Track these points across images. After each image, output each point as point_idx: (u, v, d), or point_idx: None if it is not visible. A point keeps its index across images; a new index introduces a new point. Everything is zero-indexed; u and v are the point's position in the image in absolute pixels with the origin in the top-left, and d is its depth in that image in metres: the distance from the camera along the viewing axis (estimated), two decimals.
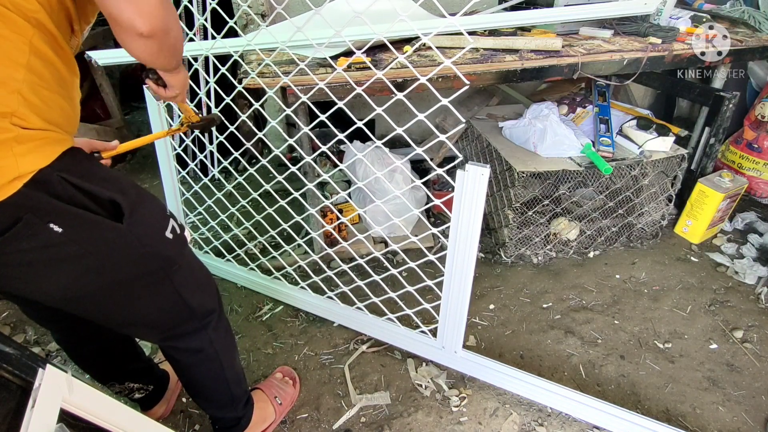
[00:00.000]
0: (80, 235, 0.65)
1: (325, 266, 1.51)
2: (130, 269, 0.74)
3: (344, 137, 1.22)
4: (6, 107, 0.57)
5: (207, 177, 1.85)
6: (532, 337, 1.43)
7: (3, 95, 0.57)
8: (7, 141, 0.57)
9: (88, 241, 0.67)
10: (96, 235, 0.67)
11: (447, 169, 1.08)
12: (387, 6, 1.00)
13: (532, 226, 1.70)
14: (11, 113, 0.58)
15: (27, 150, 0.59)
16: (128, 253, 0.72)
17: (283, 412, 1.19)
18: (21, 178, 0.58)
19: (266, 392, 1.19)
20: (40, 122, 0.61)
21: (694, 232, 1.80)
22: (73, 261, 0.67)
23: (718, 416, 1.19)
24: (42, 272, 0.66)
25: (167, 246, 0.77)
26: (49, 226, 0.62)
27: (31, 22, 0.60)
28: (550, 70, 1.40)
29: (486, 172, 0.94)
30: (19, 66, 0.59)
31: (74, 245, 0.65)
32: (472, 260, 1.07)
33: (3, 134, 0.57)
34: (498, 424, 1.17)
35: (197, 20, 1.87)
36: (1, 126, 0.57)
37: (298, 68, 1.13)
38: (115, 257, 0.71)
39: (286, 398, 1.21)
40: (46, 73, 0.62)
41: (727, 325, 1.45)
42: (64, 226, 0.63)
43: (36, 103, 0.61)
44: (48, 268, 0.66)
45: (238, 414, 1.07)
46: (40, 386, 0.60)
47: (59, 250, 0.64)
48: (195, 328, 0.89)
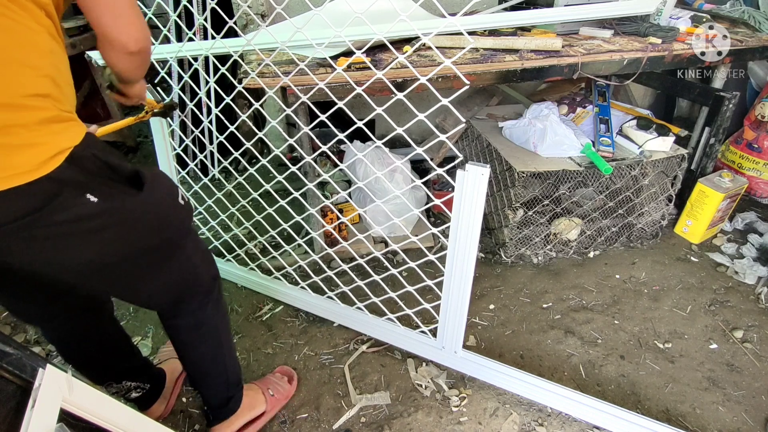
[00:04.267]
0: (112, 204, 0.70)
1: (325, 266, 1.51)
2: (151, 237, 0.79)
3: (344, 137, 1.22)
4: (44, 89, 0.63)
5: (207, 177, 1.84)
6: (532, 337, 1.43)
7: (39, 79, 0.62)
8: (48, 120, 0.63)
9: (118, 211, 0.71)
10: (125, 205, 0.72)
11: (447, 169, 1.08)
12: (387, 6, 1.00)
13: (532, 226, 1.70)
14: (48, 95, 0.63)
15: (62, 129, 0.65)
16: (150, 220, 0.77)
17: (276, 405, 1.19)
18: (62, 153, 0.64)
19: (259, 385, 1.21)
20: (68, 106, 0.67)
21: (694, 232, 1.80)
22: (103, 231, 0.71)
23: (718, 416, 1.19)
24: (72, 243, 0.70)
25: (181, 212, 0.83)
26: (86, 196, 0.67)
27: (45, 13, 0.64)
28: (550, 70, 1.40)
29: (486, 172, 0.94)
30: (45, 54, 0.64)
31: (106, 216, 0.70)
32: (472, 260, 1.07)
33: (45, 113, 0.63)
34: (498, 424, 1.17)
35: (197, 20, 1.87)
36: (44, 105, 0.62)
37: (298, 68, 1.13)
38: (139, 226, 0.76)
39: (280, 392, 1.22)
40: (60, 62, 0.67)
41: (727, 325, 1.45)
42: (99, 196, 0.68)
43: (61, 89, 0.66)
44: (79, 238, 0.69)
45: (229, 395, 1.09)
46: (40, 386, 0.60)
47: (91, 221, 0.69)
48: (200, 302, 0.94)
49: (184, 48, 1.37)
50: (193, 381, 1.12)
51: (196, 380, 1.09)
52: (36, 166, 0.61)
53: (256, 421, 1.16)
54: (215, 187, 1.61)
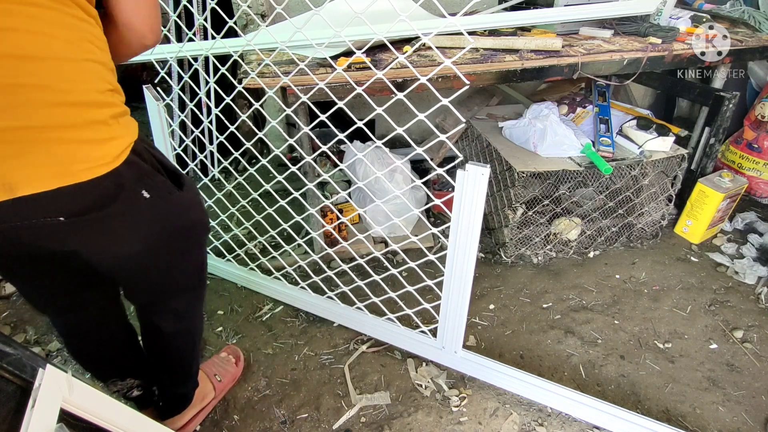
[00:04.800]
0: (160, 200, 0.75)
1: (325, 266, 1.51)
2: (185, 230, 0.85)
3: (344, 137, 1.22)
4: (113, 83, 0.67)
5: (207, 177, 1.85)
6: (532, 337, 1.43)
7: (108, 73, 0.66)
8: (119, 114, 0.67)
9: (163, 207, 0.76)
10: (169, 201, 0.77)
11: (447, 169, 1.08)
12: (387, 6, 1.00)
13: (532, 226, 1.70)
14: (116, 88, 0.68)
15: (128, 122, 0.70)
16: (184, 215, 0.83)
17: (223, 389, 1.23)
18: (129, 147, 0.68)
19: (206, 371, 1.22)
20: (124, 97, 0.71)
21: (694, 232, 1.80)
22: (151, 224, 0.76)
23: (718, 416, 1.19)
24: (127, 234, 0.74)
25: (204, 212, 0.90)
26: (141, 192, 0.71)
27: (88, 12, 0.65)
28: (550, 70, 1.40)
29: (486, 172, 0.94)
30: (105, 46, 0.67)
31: (154, 209, 0.74)
32: (472, 260, 1.07)
33: (117, 108, 0.67)
34: (498, 424, 1.17)
35: (197, 20, 1.87)
36: (115, 100, 0.67)
37: (298, 68, 1.13)
38: (179, 221, 0.81)
39: (227, 376, 1.24)
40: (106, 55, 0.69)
41: (727, 325, 1.45)
42: (151, 192, 0.72)
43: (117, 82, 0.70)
44: (132, 230, 0.74)
45: (188, 391, 1.12)
46: (40, 386, 0.60)
47: (143, 215, 0.73)
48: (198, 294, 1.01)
49: (184, 48, 1.37)
50: (158, 373, 1.10)
51: (162, 371, 1.08)
52: (112, 159, 0.66)
53: (204, 408, 1.19)
54: (215, 187, 1.61)
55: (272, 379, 1.30)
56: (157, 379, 1.09)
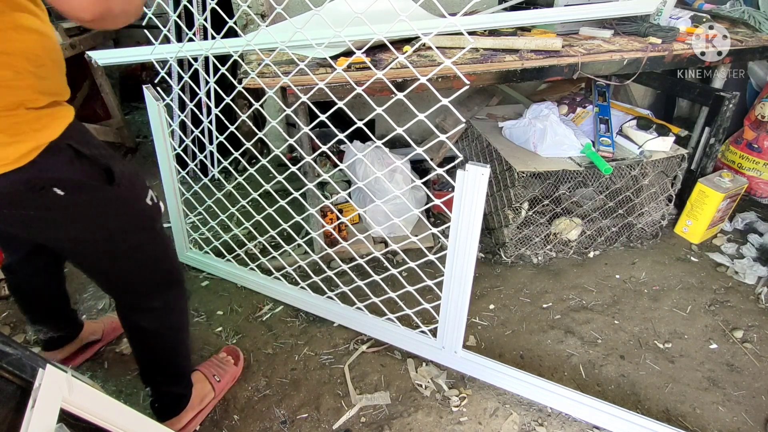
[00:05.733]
0: (79, 197, 0.76)
1: (325, 266, 1.51)
2: (121, 223, 0.86)
3: (344, 137, 1.22)
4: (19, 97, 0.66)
5: (207, 177, 1.84)
6: (532, 337, 1.43)
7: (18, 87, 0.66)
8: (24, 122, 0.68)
9: (86, 203, 0.78)
10: (92, 197, 0.79)
11: (447, 169, 1.08)
12: (387, 6, 1.00)
13: (532, 226, 1.70)
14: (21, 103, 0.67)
15: (42, 126, 0.70)
16: (118, 210, 0.84)
17: (222, 389, 1.24)
18: (37, 149, 0.69)
19: (204, 372, 1.23)
20: (46, 99, 0.70)
21: (694, 232, 1.80)
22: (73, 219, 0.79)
23: (718, 416, 1.19)
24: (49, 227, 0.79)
25: (146, 209, 0.90)
26: (53, 190, 0.72)
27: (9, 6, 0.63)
28: (550, 70, 1.40)
29: (486, 172, 0.94)
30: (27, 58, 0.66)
31: (73, 207, 0.77)
32: (472, 260, 1.07)
33: (19, 118, 0.67)
34: (498, 424, 1.17)
35: (197, 20, 1.87)
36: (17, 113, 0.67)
37: (298, 68, 1.13)
38: (106, 217, 0.83)
39: (225, 376, 1.25)
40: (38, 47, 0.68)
41: (727, 325, 1.45)
42: (66, 189, 0.74)
43: (41, 82, 0.69)
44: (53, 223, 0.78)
45: (182, 391, 1.12)
46: (40, 386, 0.60)
47: (60, 211, 0.77)
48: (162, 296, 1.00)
49: (184, 48, 1.37)
50: (145, 372, 1.11)
51: (148, 370, 1.09)
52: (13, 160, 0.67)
53: (204, 409, 1.19)
54: (215, 187, 1.61)
55: (272, 379, 1.30)
56: (150, 379, 1.10)
